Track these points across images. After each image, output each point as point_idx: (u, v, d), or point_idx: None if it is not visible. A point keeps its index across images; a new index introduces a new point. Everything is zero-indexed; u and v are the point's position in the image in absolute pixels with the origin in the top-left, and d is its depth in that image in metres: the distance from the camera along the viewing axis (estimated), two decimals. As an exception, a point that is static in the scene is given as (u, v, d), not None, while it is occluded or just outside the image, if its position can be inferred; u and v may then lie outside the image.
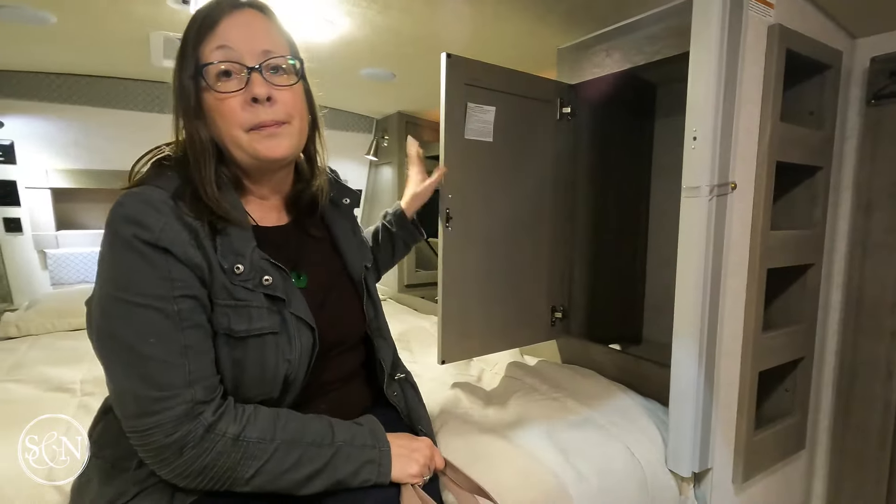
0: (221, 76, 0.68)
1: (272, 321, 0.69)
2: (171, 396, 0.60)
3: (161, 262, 0.62)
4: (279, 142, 0.71)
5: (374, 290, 0.92)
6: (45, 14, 1.46)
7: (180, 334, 0.62)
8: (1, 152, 2.12)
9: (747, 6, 1.02)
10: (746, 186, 1.10)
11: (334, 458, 0.69)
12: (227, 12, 0.69)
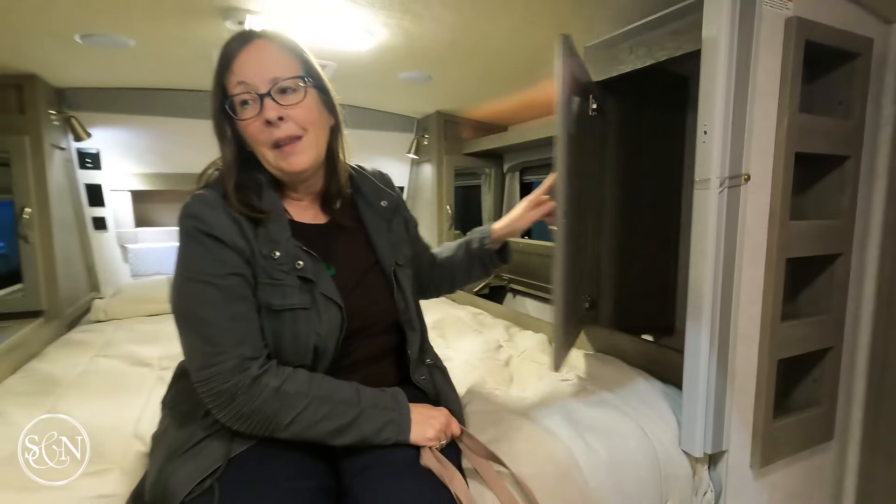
0: (242, 105, 0.81)
1: (303, 298, 0.82)
2: (224, 352, 0.75)
3: (214, 248, 0.77)
4: (298, 157, 0.84)
5: (407, 285, 1.00)
6: (125, 39, 1.68)
7: (230, 304, 0.77)
8: (89, 160, 2.42)
9: (761, 1, 1.05)
10: (764, 177, 1.13)
11: (360, 417, 0.81)
12: (240, 48, 0.81)
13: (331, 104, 0.90)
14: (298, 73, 0.83)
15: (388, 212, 1.01)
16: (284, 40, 0.85)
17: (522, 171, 2.89)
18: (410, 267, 1.04)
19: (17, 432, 1.13)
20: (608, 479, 1.04)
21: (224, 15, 1.49)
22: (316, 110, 0.85)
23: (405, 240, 1.05)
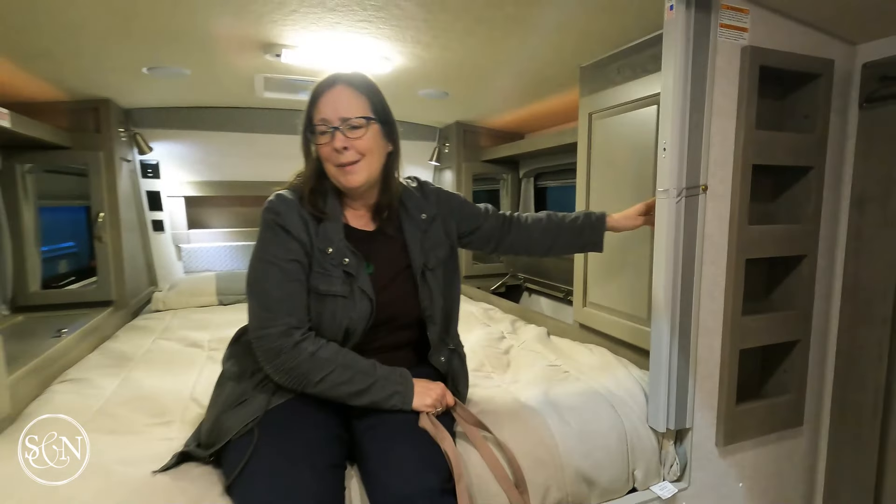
0: (321, 133, 1.04)
1: (344, 288, 1.05)
2: (277, 319, 0.99)
3: (283, 238, 1.02)
4: (354, 177, 1.05)
5: (435, 285, 1.16)
6: (183, 70, 1.98)
7: (287, 283, 1.01)
8: (150, 170, 2.76)
9: (716, 34, 1.20)
10: (723, 187, 1.28)
11: (374, 385, 1.03)
12: (325, 91, 1.03)
13: (392, 134, 1.10)
14: (364, 113, 1.03)
15: (425, 223, 1.17)
16: (360, 84, 1.05)
17: (537, 177, 3.06)
18: (444, 267, 1.20)
19: (102, 392, 1.42)
20: (578, 446, 1.21)
21: (264, 49, 1.75)
22: (374, 141, 1.05)
23: (442, 243, 1.20)
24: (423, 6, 1.40)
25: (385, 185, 1.13)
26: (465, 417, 1.16)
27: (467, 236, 1.29)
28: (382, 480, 0.94)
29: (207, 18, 1.48)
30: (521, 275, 3.09)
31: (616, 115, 1.66)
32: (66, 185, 2.56)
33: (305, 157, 1.09)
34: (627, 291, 1.65)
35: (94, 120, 2.31)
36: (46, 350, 1.60)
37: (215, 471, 0.99)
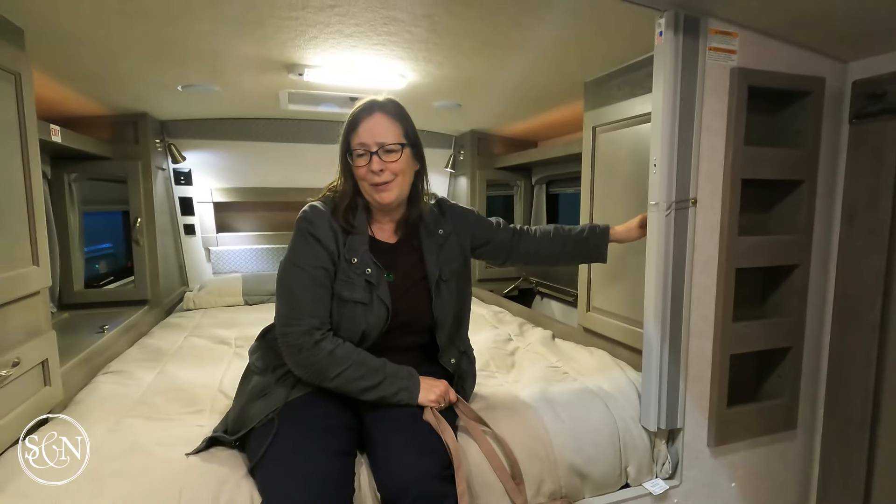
0: (358, 156, 1.15)
1: (364, 296, 1.16)
2: (301, 318, 1.11)
3: (314, 245, 1.14)
4: (388, 194, 1.16)
5: (447, 295, 1.25)
6: (213, 87, 2.14)
7: (313, 287, 1.12)
8: (183, 178, 2.95)
9: (704, 56, 1.28)
10: (713, 200, 1.35)
11: (384, 382, 1.13)
12: (365, 117, 1.15)
13: (420, 155, 1.22)
14: (398, 139, 1.15)
15: (442, 237, 1.28)
16: (394, 112, 1.17)
17: (549, 184, 3.13)
18: (457, 278, 1.30)
19: (141, 383, 1.57)
20: (570, 441, 1.30)
21: (288, 69, 1.89)
22: (406, 163, 1.17)
23: (456, 257, 1.30)
24: (432, 31, 1.51)
25: (412, 201, 1.24)
26: (466, 413, 1.26)
27: (481, 248, 1.39)
28: (387, 467, 1.05)
29: (235, 45, 1.62)
30: (533, 279, 3.17)
31: (618, 130, 1.74)
32: (107, 191, 2.76)
33: (343, 177, 1.20)
34: (627, 297, 1.72)
35: (132, 132, 2.50)
36: (91, 344, 1.77)
37: (240, 455, 1.11)
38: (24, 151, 1.27)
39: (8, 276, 1.18)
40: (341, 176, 1.21)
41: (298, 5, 1.32)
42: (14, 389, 1.17)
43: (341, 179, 1.21)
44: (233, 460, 1.10)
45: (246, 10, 1.36)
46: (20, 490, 0.98)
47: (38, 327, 1.30)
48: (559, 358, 1.73)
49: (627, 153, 1.69)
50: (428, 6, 1.34)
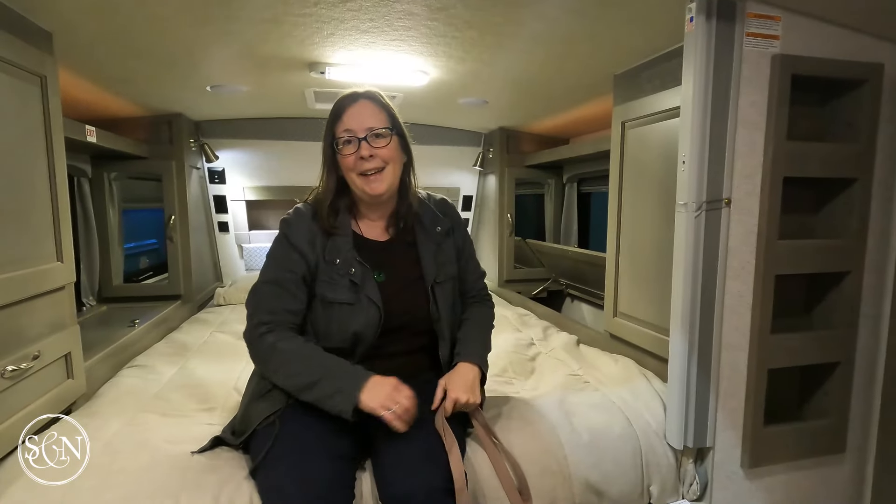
0: (345, 144, 1.11)
1: (350, 296, 1.12)
2: (255, 315, 1.10)
3: (287, 249, 1.12)
4: (379, 184, 1.12)
5: (443, 299, 1.18)
6: (241, 87, 2.17)
7: (276, 288, 1.11)
8: (216, 176, 3.02)
9: (741, 42, 1.17)
10: (749, 201, 1.24)
11: (320, 381, 1.02)
12: (350, 104, 1.12)
13: (406, 146, 1.18)
14: (387, 124, 1.12)
15: (440, 236, 1.22)
16: (379, 100, 1.14)
17: (580, 182, 3.02)
18: (452, 283, 1.23)
19: (161, 378, 1.60)
20: (587, 457, 1.22)
21: (311, 68, 1.89)
22: (395, 151, 1.13)
23: (452, 260, 1.24)
24: (450, 24, 1.46)
25: (402, 194, 1.20)
26: (479, 420, 1.19)
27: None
28: (388, 476, 1.01)
29: (255, 44, 1.62)
30: (563, 280, 3.07)
31: (648, 125, 1.63)
32: (145, 189, 2.86)
33: (327, 173, 1.16)
34: (656, 303, 1.62)
35: (167, 132, 2.58)
36: (120, 338, 1.83)
37: (243, 455, 1.11)
38: (49, 151, 1.31)
39: (32, 271, 1.22)
40: (324, 173, 1.16)
41: (311, 1, 1.30)
42: (35, 382, 1.21)
43: (324, 177, 1.17)
44: (235, 461, 1.09)
45: (261, 10, 1.35)
46: (30, 481, 1.00)
47: (63, 321, 1.35)
48: (581, 365, 1.65)
49: (658, 150, 1.58)
50: (442, -1, 1.29)
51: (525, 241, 3.13)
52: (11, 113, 1.18)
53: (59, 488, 0.98)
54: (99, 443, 1.15)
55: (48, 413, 1.25)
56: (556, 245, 3.07)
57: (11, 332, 1.15)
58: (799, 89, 1.21)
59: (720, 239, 1.22)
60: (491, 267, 3.20)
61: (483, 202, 3.42)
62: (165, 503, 0.98)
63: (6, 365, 1.10)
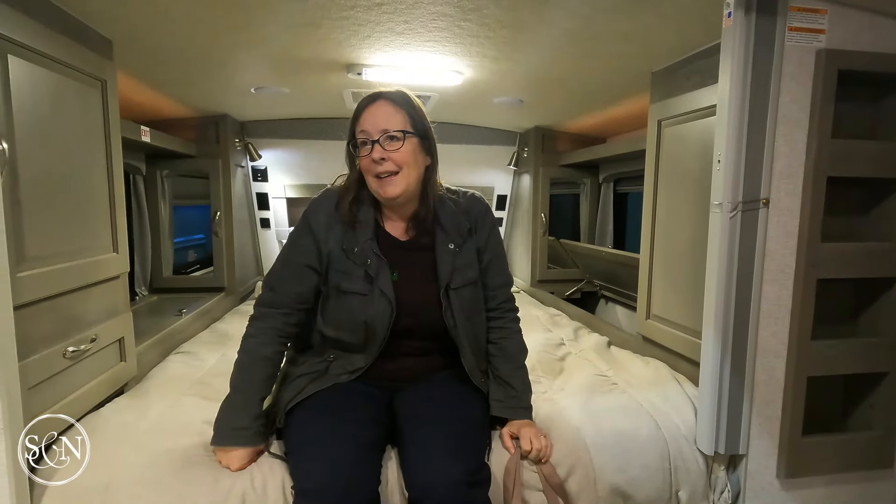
0: (361, 145, 1.12)
1: (363, 287, 1.14)
2: (263, 289, 1.19)
3: (305, 234, 1.16)
4: (391, 188, 1.11)
5: (457, 306, 1.16)
6: (283, 89, 2.26)
7: (285, 270, 1.17)
8: (259, 175, 3.15)
9: (783, 37, 1.13)
10: (790, 201, 1.19)
11: (228, 395, 1.12)
12: (367, 106, 1.13)
13: (430, 148, 1.16)
14: (402, 126, 1.10)
15: (460, 237, 1.19)
16: (399, 100, 1.12)
17: (616, 182, 2.96)
18: (472, 289, 1.20)
19: (204, 365, 1.69)
20: (612, 460, 1.21)
21: (348, 69, 1.94)
22: (411, 154, 1.11)
23: (473, 263, 1.21)
24: (482, 24, 1.47)
25: (423, 198, 1.18)
26: (549, 477, 1.15)
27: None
28: (413, 468, 1.04)
29: (295, 48, 1.69)
30: (597, 282, 3.02)
31: (685, 123, 1.59)
32: (194, 186, 3.02)
33: (350, 169, 1.18)
34: (691, 305, 1.57)
35: (215, 132, 2.71)
36: (168, 326, 1.94)
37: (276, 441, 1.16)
38: (107, 150, 1.41)
39: (91, 261, 1.32)
40: (348, 168, 1.19)
41: (348, 5, 1.34)
42: (92, 363, 1.31)
43: (348, 171, 1.19)
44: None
45: (300, 13, 1.41)
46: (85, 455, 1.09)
47: (117, 308, 1.45)
48: (611, 367, 1.63)
49: (695, 148, 1.54)
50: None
51: (559, 241, 3.10)
52: (75, 115, 1.29)
53: (110, 463, 1.06)
54: (146, 422, 1.24)
55: (105, 392, 1.36)
56: (591, 245, 3.03)
57: (72, 317, 1.25)
58: (847, 85, 1.16)
59: (757, 241, 1.19)
60: (524, 267, 3.19)
61: (517, 202, 3.41)
62: (206, 481, 1.04)
63: (67, 346, 1.20)
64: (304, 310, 1.19)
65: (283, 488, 1.05)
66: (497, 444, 1.17)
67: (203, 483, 1.03)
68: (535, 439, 1.14)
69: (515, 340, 1.27)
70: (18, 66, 1.07)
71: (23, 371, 1.00)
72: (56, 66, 1.19)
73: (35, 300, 1.10)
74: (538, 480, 1.15)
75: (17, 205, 1.05)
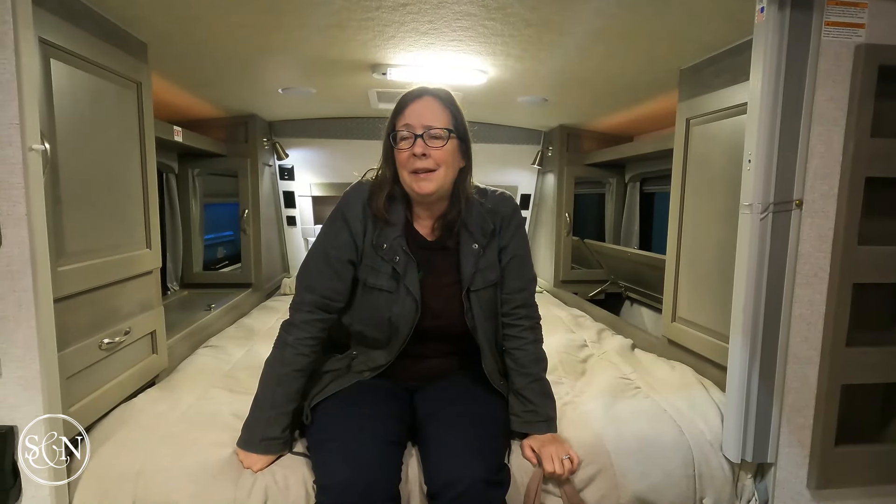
0: (402, 139, 1.11)
1: (390, 284, 1.15)
2: (298, 290, 1.17)
3: (340, 226, 1.15)
4: (426, 184, 1.10)
5: (478, 308, 1.16)
6: (310, 89, 2.29)
7: (323, 266, 1.15)
8: (287, 173, 3.21)
9: (819, 33, 1.09)
10: (825, 203, 1.15)
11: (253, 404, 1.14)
12: (413, 100, 1.11)
13: (467, 151, 1.15)
14: (446, 125, 1.10)
15: (485, 238, 1.19)
16: (446, 99, 1.12)
17: (643, 182, 2.91)
18: (493, 291, 1.19)
19: (231, 359, 1.73)
20: (636, 466, 1.19)
21: (373, 69, 1.96)
22: (451, 154, 1.11)
23: (495, 264, 1.20)
24: (507, 23, 1.47)
25: (453, 199, 1.17)
26: (569, 497, 1.14)
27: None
28: (434, 465, 1.05)
29: (322, 49, 1.71)
30: (622, 283, 2.97)
31: (714, 122, 1.55)
32: (223, 185, 3.10)
33: (385, 163, 1.16)
34: (719, 308, 1.53)
35: (244, 132, 2.78)
36: (197, 321, 2.00)
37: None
38: (142, 150, 1.46)
39: (126, 256, 1.37)
40: (381, 164, 1.17)
41: (373, 6, 1.36)
42: (126, 354, 1.37)
43: (382, 166, 1.17)
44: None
45: (327, 16, 1.43)
46: (120, 442, 1.14)
47: (150, 302, 1.50)
48: (634, 370, 1.60)
49: (724, 148, 1.50)
50: (499, -2, 1.30)
51: (583, 241, 3.06)
52: (112, 116, 1.34)
53: (141, 453, 1.10)
54: (176, 413, 1.28)
55: (137, 384, 1.41)
56: (615, 246, 2.98)
57: (108, 310, 1.30)
58: (887, 81, 1.11)
59: (789, 243, 1.15)
60: (547, 267, 3.16)
61: (541, 201, 3.38)
62: (230, 475, 1.07)
63: (103, 338, 1.25)
64: (341, 309, 1.18)
65: (305, 484, 1.07)
66: (517, 448, 1.17)
67: (227, 477, 1.06)
68: (558, 460, 1.11)
69: (529, 351, 1.21)
70: (60, 70, 1.12)
71: (62, 361, 1.05)
72: (95, 69, 1.25)
73: (74, 293, 1.15)
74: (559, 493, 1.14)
75: (58, 202, 1.10)
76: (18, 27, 0.90)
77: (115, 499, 1.04)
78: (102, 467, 1.08)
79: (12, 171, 0.92)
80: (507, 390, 1.23)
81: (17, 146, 0.92)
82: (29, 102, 0.93)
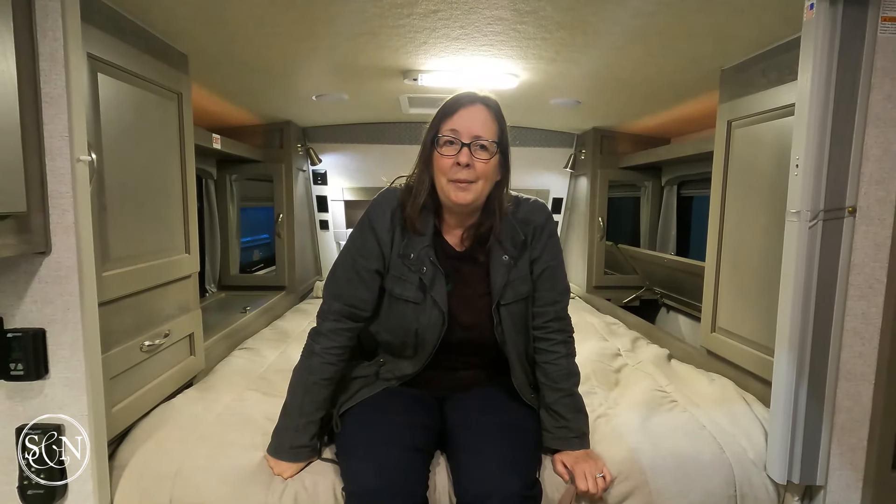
0: (446, 144, 1.06)
1: (417, 296, 1.13)
2: (326, 298, 1.16)
3: (367, 235, 1.12)
4: (464, 195, 1.06)
5: (508, 322, 1.13)
6: (342, 95, 2.33)
7: (352, 273, 1.13)
8: (320, 178, 3.26)
9: (875, 28, 1.03)
10: (882, 209, 1.08)
11: (282, 412, 1.14)
12: (464, 106, 1.07)
13: (506, 165, 1.11)
14: (495, 138, 1.07)
15: (514, 250, 1.15)
16: (496, 111, 1.09)
17: (680, 185, 2.81)
18: (524, 304, 1.16)
19: (265, 361, 1.77)
20: (673, 484, 1.14)
21: (404, 75, 1.97)
22: (493, 168, 1.08)
23: (527, 276, 1.16)
24: (539, 26, 1.45)
25: (487, 211, 1.14)
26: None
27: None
28: (466, 475, 1.04)
29: (355, 56, 1.73)
30: (658, 289, 2.88)
31: (759, 124, 1.48)
32: (259, 190, 3.18)
33: (421, 169, 1.12)
34: (763, 319, 1.46)
35: (279, 138, 2.84)
36: (233, 323, 2.06)
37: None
38: (182, 157, 1.51)
39: (167, 261, 1.42)
40: (418, 168, 1.12)
41: (404, 13, 1.36)
42: (165, 356, 1.41)
43: (417, 172, 1.13)
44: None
45: (359, 23, 1.44)
46: (160, 442, 1.17)
47: (188, 305, 1.55)
48: (671, 382, 1.54)
49: (769, 151, 1.43)
50: (531, 1, 1.28)
51: (617, 245, 2.99)
52: (155, 126, 1.39)
53: (180, 453, 1.13)
54: (212, 414, 1.31)
55: (176, 385, 1.46)
56: (651, 251, 2.89)
57: (149, 313, 1.35)
58: (952, 80, 1.03)
59: (841, 252, 1.08)
60: (579, 272, 3.10)
61: (573, 205, 3.32)
62: (262, 479, 1.08)
63: (144, 340, 1.30)
64: (368, 318, 1.17)
65: (334, 489, 1.07)
66: (547, 461, 1.14)
67: (259, 481, 1.08)
68: (592, 479, 1.07)
69: (562, 366, 1.17)
70: (106, 84, 1.17)
71: (105, 363, 1.09)
72: (139, 81, 1.30)
73: (117, 297, 1.20)
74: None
75: (104, 210, 1.15)
76: (68, 44, 0.94)
77: (153, 497, 1.08)
78: (143, 466, 1.12)
79: (61, 182, 0.96)
80: (537, 404, 1.20)
81: (66, 158, 0.96)
82: (77, 116, 0.97)
